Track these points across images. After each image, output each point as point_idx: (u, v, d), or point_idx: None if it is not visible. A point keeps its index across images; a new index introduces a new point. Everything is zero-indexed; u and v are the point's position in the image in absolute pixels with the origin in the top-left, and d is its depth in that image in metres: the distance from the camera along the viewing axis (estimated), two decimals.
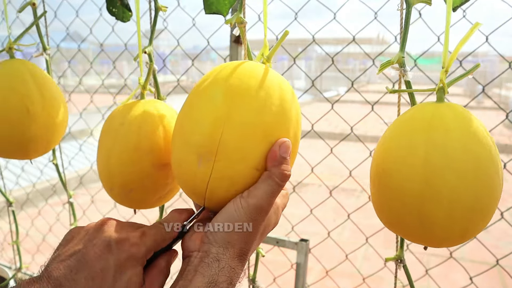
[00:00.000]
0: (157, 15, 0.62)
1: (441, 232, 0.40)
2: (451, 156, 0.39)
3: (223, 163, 0.40)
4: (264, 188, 0.40)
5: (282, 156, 0.41)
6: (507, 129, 6.67)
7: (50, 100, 0.69)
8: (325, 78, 13.58)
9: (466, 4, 0.49)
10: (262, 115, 0.40)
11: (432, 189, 0.39)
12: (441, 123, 0.40)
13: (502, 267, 0.95)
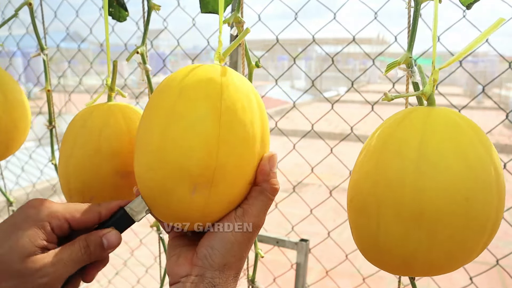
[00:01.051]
0: (150, 14, 0.62)
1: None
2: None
3: (221, 187, 0.37)
4: (258, 205, 0.40)
5: (271, 170, 0.40)
6: (507, 129, 6.66)
7: (13, 103, 0.66)
8: (325, 78, 13.59)
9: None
10: (253, 128, 0.38)
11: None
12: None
13: (502, 267, 0.95)
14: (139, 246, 1.64)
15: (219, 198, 0.38)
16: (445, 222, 0.33)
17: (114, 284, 1.85)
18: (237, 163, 0.37)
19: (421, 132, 0.35)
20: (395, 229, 0.35)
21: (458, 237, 0.34)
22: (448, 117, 0.37)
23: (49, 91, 0.79)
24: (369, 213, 0.36)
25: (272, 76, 1.17)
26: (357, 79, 1.42)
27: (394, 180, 0.35)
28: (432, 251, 0.34)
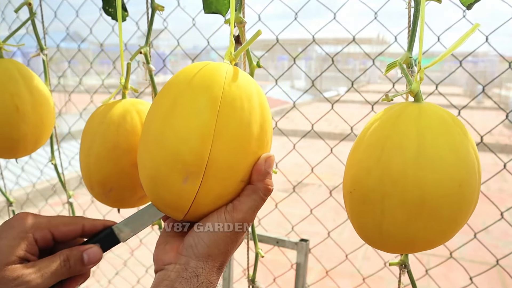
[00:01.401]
0: (154, 15, 0.62)
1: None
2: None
3: (211, 180, 0.38)
4: (249, 203, 0.40)
5: (266, 171, 0.40)
6: (507, 129, 6.67)
7: (39, 99, 0.69)
8: (325, 78, 13.59)
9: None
10: (250, 128, 0.39)
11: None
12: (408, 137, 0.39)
13: (502, 267, 0.95)
14: (139, 246, 1.64)
15: (209, 191, 0.39)
16: (443, 206, 0.38)
17: (114, 284, 1.86)
18: (230, 159, 0.38)
19: (417, 130, 0.39)
20: (399, 216, 0.39)
21: (452, 218, 0.39)
22: (436, 113, 0.41)
23: (49, 91, 0.79)
24: (373, 204, 0.40)
25: (272, 76, 1.17)
26: (357, 79, 1.42)
27: (397, 174, 0.38)
28: (431, 232, 0.39)
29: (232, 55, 0.44)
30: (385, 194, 0.39)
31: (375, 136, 0.41)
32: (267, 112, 0.42)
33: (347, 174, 0.44)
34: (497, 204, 0.90)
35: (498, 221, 0.94)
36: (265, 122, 0.41)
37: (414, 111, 0.41)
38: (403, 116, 0.41)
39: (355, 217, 0.43)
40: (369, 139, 0.42)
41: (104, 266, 1.96)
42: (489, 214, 0.90)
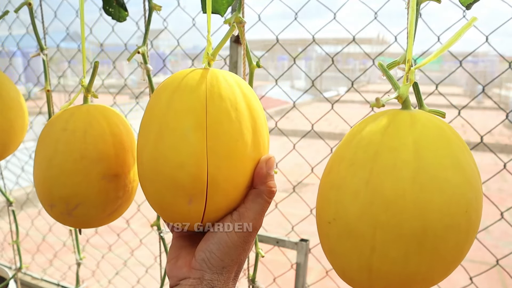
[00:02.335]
0: (151, 15, 0.62)
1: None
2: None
3: (216, 198, 0.38)
4: (255, 208, 0.40)
5: (268, 173, 0.40)
6: (507, 129, 6.67)
7: (9, 103, 0.65)
8: (325, 78, 13.59)
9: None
10: (243, 136, 0.38)
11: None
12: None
13: (502, 267, 0.95)
14: (139, 246, 1.64)
15: (217, 206, 0.38)
16: (448, 237, 0.31)
17: (114, 284, 1.86)
18: (229, 173, 0.37)
19: (413, 143, 0.32)
20: (394, 252, 0.32)
21: (458, 249, 0.33)
22: (431, 122, 0.34)
23: (49, 91, 0.79)
24: (361, 237, 0.32)
25: (272, 76, 1.17)
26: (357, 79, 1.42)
27: (392, 198, 0.31)
28: (432, 268, 0.33)
29: (209, 56, 0.42)
30: (377, 225, 0.31)
31: (361, 152, 0.34)
32: (257, 112, 0.40)
33: (323, 198, 0.36)
34: (497, 204, 0.90)
35: (498, 221, 0.94)
36: (257, 124, 0.40)
37: (406, 120, 0.34)
38: (393, 127, 0.34)
39: (336, 254, 0.35)
40: (353, 155, 0.34)
41: (104, 266, 1.96)
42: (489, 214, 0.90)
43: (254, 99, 0.41)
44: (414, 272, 0.32)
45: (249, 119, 0.39)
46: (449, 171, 0.31)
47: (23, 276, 1.59)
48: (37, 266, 2.02)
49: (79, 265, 1.25)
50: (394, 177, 0.31)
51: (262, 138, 0.41)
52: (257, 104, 0.41)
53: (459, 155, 0.33)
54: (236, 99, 0.39)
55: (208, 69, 0.41)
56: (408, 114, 0.35)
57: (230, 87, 0.39)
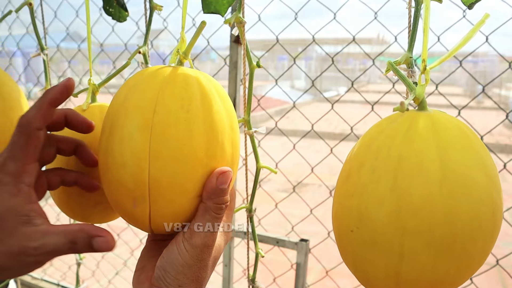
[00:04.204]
0: (152, 15, 0.62)
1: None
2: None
3: (160, 203, 0.36)
4: (205, 225, 0.38)
5: (219, 188, 0.37)
6: (507, 129, 6.67)
7: (10, 103, 0.65)
8: (325, 78, 13.60)
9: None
10: (191, 142, 0.35)
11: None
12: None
13: (502, 267, 0.95)
14: (139, 246, 1.64)
15: (162, 212, 0.36)
16: (477, 241, 0.31)
17: (114, 284, 1.86)
18: (173, 178, 0.35)
19: (436, 146, 0.31)
20: (423, 258, 0.31)
21: (485, 250, 0.33)
22: (454, 124, 0.33)
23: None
24: (389, 244, 0.31)
25: (272, 76, 1.17)
26: (357, 79, 1.42)
27: (420, 204, 0.30)
28: (461, 271, 0.32)
29: (181, 54, 0.40)
30: (405, 231, 0.31)
31: (382, 157, 0.33)
32: (220, 118, 0.37)
33: (343, 206, 0.35)
34: None
35: None
36: (217, 130, 0.36)
37: (426, 122, 0.33)
38: (414, 130, 0.33)
39: (360, 262, 0.34)
40: (374, 161, 0.33)
41: (104, 266, 1.96)
42: None
43: (220, 104, 0.38)
44: (443, 276, 0.32)
45: (206, 124, 0.36)
46: (475, 172, 0.31)
47: (23, 276, 1.59)
48: None
49: (79, 265, 1.25)
50: (420, 182, 0.31)
51: (224, 146, 0.37)
52: (223, 110, 0.38)
53: (482, 155, 0.32)
54: (192, 101, 0.36)
55: (176, 67, 0.39)
56: (427, 116, 0.34)
57: (187, 87, 0.37)
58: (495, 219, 0.32)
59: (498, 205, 0.32)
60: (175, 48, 0.41)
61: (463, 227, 0.30)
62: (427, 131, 0.32)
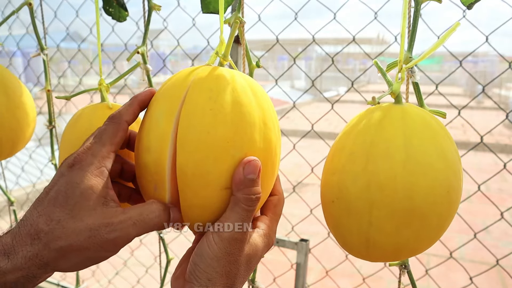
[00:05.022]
0: (151, 15, 0.62)
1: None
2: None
3: (187, 192, 0.36)
4: (232, 218, 0.37)
5: (247, 178, 0.36)
6: (507, 129, 6.67)
7: (16, 102, 0.67)
8: (325, 78, 13.59)
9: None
10: (216, 131, 0.36)
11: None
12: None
13: (502, 267, 0.95)
14: (139, 246, 1.64)
15: (190, 203, 0.37)
16: (432, 214, 0.37)
17: (114, 284, 1.86)
18: (197, 167, 0.36)
19: (403, 134, 0.38)
20: (387, 226, 0.37)
21: (440, 225, 0.39)
22: (419, 115, 0.39)
23: (49, 91, 0.79)
24: (360, 213, 0.38)
25: (272, 76, 1.17)
26: (357, 79, 1.42)
27: (385, 182, 0.37)
28: (419, 240, 0.38)
29: (220, 55, 0.42)
30: (373, 203, 0.37)
31: (359, 142, 0.39)
32: (249, 109, 0.38)
33: (327, 181, 0.41)
34: (497, 204, 0.90)
35: (498, 221, 0.94)
36: (246, 123, 0.37)
37: (397, 113, 0.39)
38: (387, 120, 0.39)
39: (339, 227, 0.41)
40: (352, 145, 0.39)
41: (104, 266, 1.96)
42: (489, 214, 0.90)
43: (252, 99, 0.38)
44: (404, 243, 0.38)
45: (234, 116, 0.36)
46: (434, 158, 0.37)
47: None
48: None
49: None
50: (387, 163, 0.37)
51: (253, 139, 0.37)
52: (255, 105, 0.38)
53: (443, 144, 0.38)
54: (220, 93, 0.37)
55: (214, 67, 0.40)
56: (400, 108, 0.40)
57: (217, 81, 0.38)
58: (450, 198, 0.38)
59: (454, 187, 0.38)
60: (215, 50, 0.42)
61: (420, 201, 0.36)
62: (397, 121, 0.39)
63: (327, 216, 0.42)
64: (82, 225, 0.34)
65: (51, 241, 0.33)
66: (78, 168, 0.36)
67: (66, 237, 0.34)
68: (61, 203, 0.34)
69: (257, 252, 0.40)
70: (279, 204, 0.43)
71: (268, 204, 0.43)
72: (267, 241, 0.41)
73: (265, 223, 0.41)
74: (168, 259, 0.85)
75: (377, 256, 0.40)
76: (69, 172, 0.36)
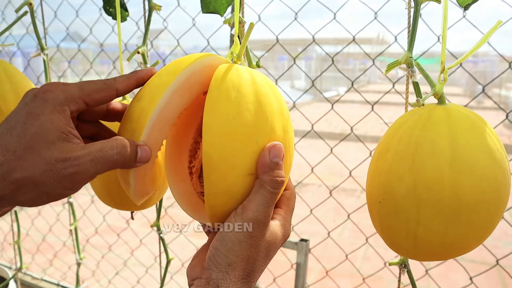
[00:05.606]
0: (151, 15, 0.62)
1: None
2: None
3: (212, 178, 0.37)
4: (257, 200, 0.37)
5: (273, 162, 0.37)
6: (507, 129, 6.67)
7: None
8: (325, 78, 13.59)
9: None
10: (240, 117, 0.37)
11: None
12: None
13: (502, 267, 0.95)
14: (139, 246, 1.64)
15: (215, 189, 0.37)
16: (480, 212, 0.37)
17: (114, 284, 1.86)
18: (222, 151, 0.36)
19: (449, 133, 0.38)
20: (435, 225, 0.38)
21: (489, 222, 0.39)
22: (464, 114, 0.40)
23: None
24: (407, 213, 0.39)
25: (272, 76, 1.17)
26: (357, 79, 1.42)
27: (432, 181, 0.37)
28: (468, 238, 0.39)
29: (234, 55, 0.43)
30: (420, 203, 0.38)
31: (404, 142, 0.40)
32: (269, 99, 0.39)
33: (373, 182, 0.42)
34: None
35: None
36: (266, 111, 0.39)
37: (442, 114, 0.40)
38: (431, 120, 0.40)
39: (386, 227, 0.42)
40: (397, 146, 0.40)
41: (104, 266, 1.96)
42: None
43: (269, 91, 0.40)
44: (452, 241, 0.39)
45: (256, 104, 0.38)
46: (480, 155, 0.37)
47: (23, 276, 1.59)
48: (37, 266, 2.02)
49: (79, 265, 1.25)
50: (433, 163, 0.38)
51: (274, 128, 0.39)
52: (272, 96, 0.40)
53: (489, 143, 0.38)
54: (241, 83, 0.39)
55: (232, 64, 0.42)
56: (443, 109, 0.40)
57: (238, 73, 0.40)
58: (499, 195, 0.38)
59: (502, 184, 0.38)
60: (230, 50, 0.44)
61: (467, 199, 0.37)
62: (442, 122, 0.39)
63: (374, 217, 0.43)
64: (39, 159, 0.33)
65: (6, 173, 0.33)
66: (41, 99, 0.35)
67: (21, 170, 0.33)
68: (19, 134, 0.33)
69: (276, 240, 0.40)
70: (292, 198, 0.44)
71: (282, 198, 0.44)
72: (284, 232, 0.41)
73: (281, 214, 0.42)
74: (168, 259, 0.85)
75: (425, 255, 0.41)
76: (32, 102, 0.35)
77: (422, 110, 0.41)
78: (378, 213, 0.42)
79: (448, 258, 0.42)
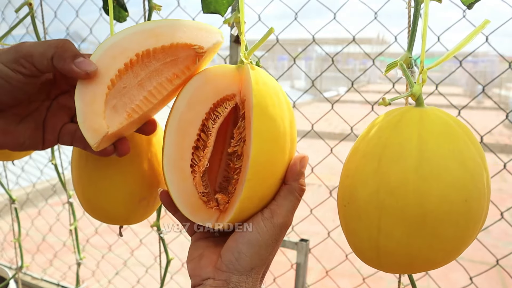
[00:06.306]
0: (151, 14, 0.62)
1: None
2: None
3: (254, 181, 0.37)
4: (287, 205, 0.39)
5: (301, 171, 0.40)
6: (507, 129, 6.67)
7: None
8: (325, 78, 13.59)
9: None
10: (284, 124, 0.38)
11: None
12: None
13: (502, 267, 0.95)
14: (139, 246, 1.64)
15: (253, 193, 0.37)
16: (447, 223, 0.34)
17: (114, 284, 1.86)
18: (269, 157, 0.37)
19: (418, 137, 0.35)
20: (397, 233, 0.35)
21: (458, 236, 0.35)
22: (440, 118, 0.37)
23: None
24: (369, 218, 0.36)
25: (272, 76, 1.17)
26: (357, 79, 1.42)
27: (396, 186, 0.34)
28: (433, 251, 0.35)
29: (245, 55, 0.44)
30: (383, 208, 0.35)
31: (372, 144, 0.37)
32: (290, 108, 0.41)
33: (342, 185, 0.40)
34: (497, 204, 0.90)
35: (498, 221, 0.94)
36: (291, 118, 0.41)
37: (415, 116, 0.37)
38: (403, 122, 0.37)
39: (350, 233, 0.39)
40: (366, 147, 0.38)
41: (104, 266, 1.96)
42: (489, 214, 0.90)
43: (286, 95, 0.42)
44: (416, 253, 0.35)
45: (287, 111, 0.40)
46: (450, 163, 0.34)
47: (23, 276, 1.59)
48: (37, 266, 2.02)
49: (79, 265, 1.25)
50: (398, 168, 0.35)
51: (295, 135, 0.41)
52: (288, 101, 0.42)
53: (464, 151, 0.35)
54: (275, 89, 0.40)
55: (247, 63, 0.43)
56: (419, 111, 0.37)
57: (269, 78, 0.41)
58: (470, 207, 0.34)
59: (474, 195, 0.35)
60: (241, 50, 0.45)
61: (432, 209, 0.34)
62: (413, 124, 0.36)
63: (341, 221, 0.41)
64: None
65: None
66: None
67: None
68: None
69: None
70: None
71: None
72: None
73: None
74: (168, 259, 0.85)
75: (389, 265, 0.38)
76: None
77: (397, 111, 0.39)
78: (343, 217, 0.39)
79: (415, 272, 0.39)
